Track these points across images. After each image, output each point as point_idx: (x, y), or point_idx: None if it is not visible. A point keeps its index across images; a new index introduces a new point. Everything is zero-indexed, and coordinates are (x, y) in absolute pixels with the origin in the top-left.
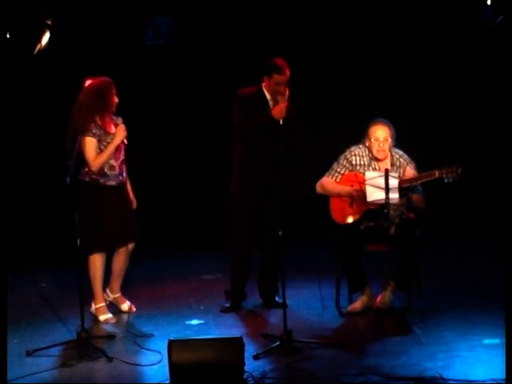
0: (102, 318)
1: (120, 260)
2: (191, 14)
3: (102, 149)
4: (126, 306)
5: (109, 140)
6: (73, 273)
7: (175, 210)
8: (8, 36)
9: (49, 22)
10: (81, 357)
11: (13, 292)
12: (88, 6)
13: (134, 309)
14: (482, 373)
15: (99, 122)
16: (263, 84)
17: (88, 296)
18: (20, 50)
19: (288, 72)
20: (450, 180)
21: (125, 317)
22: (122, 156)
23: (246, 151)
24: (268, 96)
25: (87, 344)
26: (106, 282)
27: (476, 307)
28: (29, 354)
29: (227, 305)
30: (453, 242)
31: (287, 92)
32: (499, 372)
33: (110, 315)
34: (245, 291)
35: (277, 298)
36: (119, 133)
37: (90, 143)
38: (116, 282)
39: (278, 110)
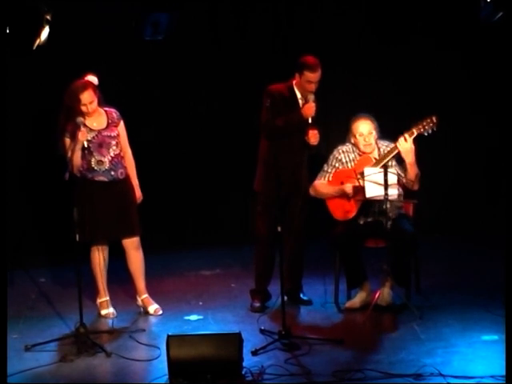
0: (103, 312)
1: (129, 259)
2: (191, 9)
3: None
4: (151, 308)
5: (89, 138)
6: (71, 268)
7: (174, 205)
8: (8, 31)
9: (48, 18)
10: (79, 352)
11: (11, 287)
12: (87, 1)
13: (161, 311)
14: (480, 369)
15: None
16: (294, 81)
17: (87, 291)
18: (19, 45)
19: (320, 70)
20: (430, 131)
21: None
22: (112, 151)
23: (272, 148)
24: (298, 94)
25: (86, 339)
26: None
27: (474, 304)
28: (27, 349)
29: (257, 304)
30: (451, 240)
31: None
32: (498, 368)
33: (111, 310)
34: (268, 290)
35: (301, 295)
36: (79, 136)
37: (67, 144)
38: (137, 283)
39: (309, 108)
